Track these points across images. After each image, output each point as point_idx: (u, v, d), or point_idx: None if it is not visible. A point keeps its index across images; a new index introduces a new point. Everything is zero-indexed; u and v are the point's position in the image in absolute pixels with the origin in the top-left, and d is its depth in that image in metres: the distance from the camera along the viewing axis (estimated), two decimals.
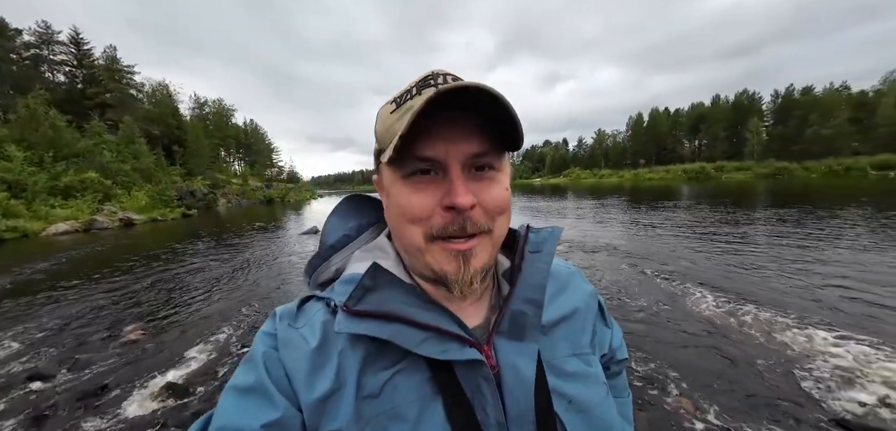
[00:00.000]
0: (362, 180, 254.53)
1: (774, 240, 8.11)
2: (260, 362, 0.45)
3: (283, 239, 12.36)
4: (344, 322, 0.43)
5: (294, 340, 0.46)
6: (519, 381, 0.45)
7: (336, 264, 0.55)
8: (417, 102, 0.40)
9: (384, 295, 0.45)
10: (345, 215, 0.59)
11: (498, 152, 0.46)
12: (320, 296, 0.50)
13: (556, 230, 0.58)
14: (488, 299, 0.53)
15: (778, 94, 68.62)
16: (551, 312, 0.53)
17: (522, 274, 0.51)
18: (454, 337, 0.44)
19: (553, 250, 0.55)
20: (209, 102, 66.61)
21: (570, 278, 0.61)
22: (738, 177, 49.08)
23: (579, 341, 0.54)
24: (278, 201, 47.11)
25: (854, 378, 2.93)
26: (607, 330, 0.66)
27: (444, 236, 0.44)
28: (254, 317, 4.90)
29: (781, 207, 13.98)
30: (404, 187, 0.45)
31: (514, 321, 0.48)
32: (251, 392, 0.43)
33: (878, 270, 5.56)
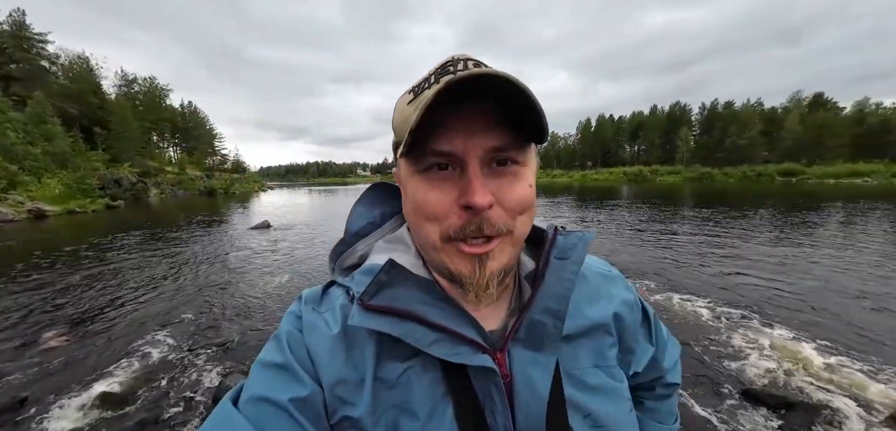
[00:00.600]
0: (318, 173, 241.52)
1: (695, 235, 9.19)
2: (285, 341, 0.46)
3: (228, 235, 11.61)
4: (358, 315, 0.43)
5: (317, 324, 0.47)
6: (532, 394, 0.43)
7: (361, 250, 0.55)
8: (430, 93, 0.37)
9: (398, 292, 0.45)
10: (370, 203, 0.59)
11: (521, 145, 0.42)
12: (342, 283, 0.51)
13: (587, 235, 0.54)
14: (508, 301, 0.51)
15: (704, 107, 76.36)
16: (577, 320, 0.50)
17: (545, 281, 0.48)
18: (467, 340, 0.43)
19: (582, 257, 0.51)
20: (139, 80, 60.01)
21: (606, 283, 0.57)
22: (670, 180, 54.12)
23: (605, 353, 0.52)
24: (221, 193, 43.82)
25: (759, 352, 3.49)
26: (651, 347, 0.61)
27: (459, 237, 0.42)
28: (200, 318, 4.63)
29: (704, 207, 15.80)
30: (420, 183, 0.43)
31: (531, 330, 0.46)
32: (280, 368, 0.44)
33: (777, 261, 6.55)
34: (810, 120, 61.25)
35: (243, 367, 3.42)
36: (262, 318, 4.65)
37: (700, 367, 3.32)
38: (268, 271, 6.94)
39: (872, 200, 18.04)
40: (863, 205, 16.14)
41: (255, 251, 8.90)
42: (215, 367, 3.45)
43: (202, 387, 3.15)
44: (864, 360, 3.34)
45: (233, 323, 4.51)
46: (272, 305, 5.10)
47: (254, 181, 70.19)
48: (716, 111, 72.35)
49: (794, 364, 3.32)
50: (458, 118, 0.39)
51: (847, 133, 57.88)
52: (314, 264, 7.46)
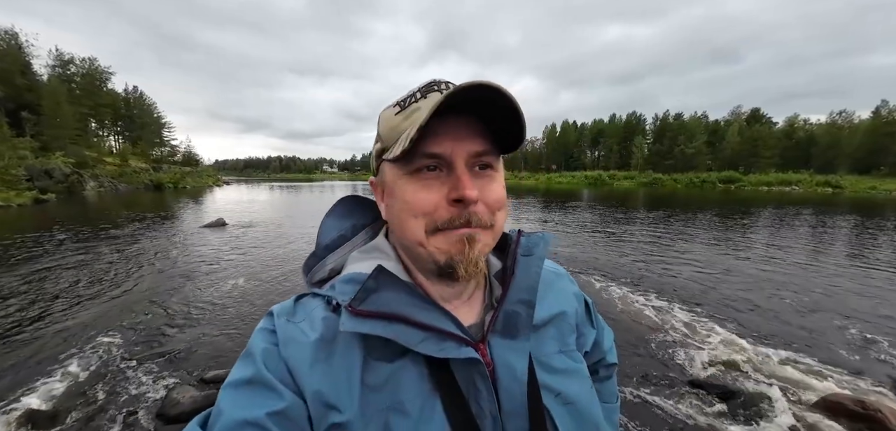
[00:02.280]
0: (280, 168, 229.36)
1: (647, 236, 9.87)
2: (259, 357, 0.45)
3: (177, 234, 10.87)
4: (349, 321, 0.44)
5: (294, 335, 0.47)
6: (512, 377, 0.48)
7: (331, 263, 0.57)
8: (430, 101, 0.45)
9: (386, 296, 0.47)
10: (340, 215, 0.61)
11: (496, 153, 0.49)
12: (318, 293, 0.52)
13: (548, 235, 0.62)
14: (481, 299, 0.56)
15: (657, 117, 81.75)
16: (540, 311, 0.56)
17: (516, 275, 0.54)
18: (451, 336, 0.47)
19: (544, 254, 0.59)
20: (77, 61, 54.61)
21: (557, 279, 0.65)
22: (626, 184, 57.21)
23: (566, 339, 0.59)
24: (170, 187, 40.90)
25: (702, 345, 3.81)
26: (593, 330, 0.70)
27: (447, 228, 0.47)
28: (143, 325, 4.32)
29: (655, 210, 17.03)
30: (410, 183, 0.47)
31: (508, 320, 0.51)
32: (252, 383, 0.44)
33: (718, 260, 7.17)
34: (748, 133, 67.57)
35: (191, 379, 3.24)
36: (214, 324, 4.41)
37: (649, 360, 3.58)
38: (222, 273, 6.58)
39: (798, 206, 20.33)
40: (790, 210, 18.09)
41: (209, 251, 8.42)
42: (160, 379, 3.24)
43: (145, 401, 2.95)
44: (794, 349, 3.77)
45: (181, 330, 4.25)
46: (226, 310, 4.86)
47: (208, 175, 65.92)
48: (667, 121, 77.66)
49: (733, 355, 3.67)
50: (446, 126, 0.45)
51: (779, 145, 64.78)
52: (275, 266, 7.16)
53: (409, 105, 0.48)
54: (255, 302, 5.15)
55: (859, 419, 2.67)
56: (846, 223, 13.63)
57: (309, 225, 12.70)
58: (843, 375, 3.38)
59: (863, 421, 2.65)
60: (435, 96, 0.47)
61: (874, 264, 7.38)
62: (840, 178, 47.38)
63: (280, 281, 6.15)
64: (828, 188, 42.55)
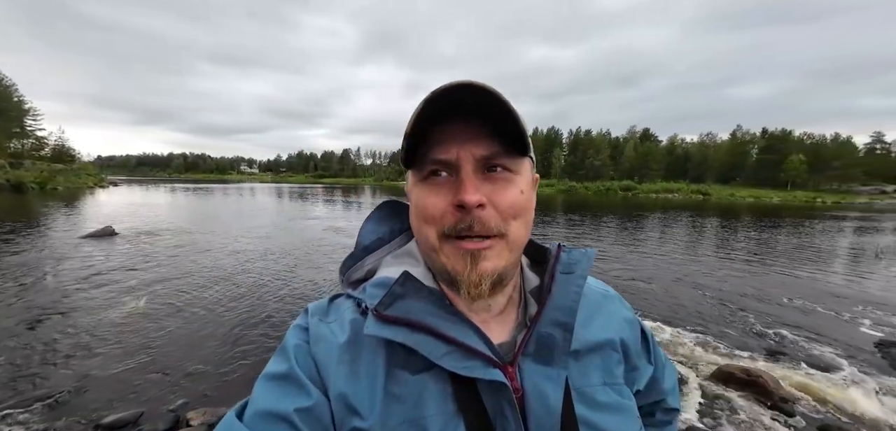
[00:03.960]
0: (185, 166, 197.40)
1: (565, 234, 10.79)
2: (291, 353, 0.47)
3: (52, 247, 8.86)
4: (373, 325, 0.44)
5: (324, 334, 0.48)
6: (545, 408, 0.43)
7: (369, 265, 0.56)
8: (420, 103, 0.44)
9: (412, 303, 0.46)
10: (378, 220, 0.61)
11: (512, 155, 0.46)
12: (351, 295, 0.52)
13: (591, 251, 0.57)
14: (515, 316, 0.53)
15: (572, 132, 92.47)
16: (583, 336, 0.51)
17: (552, 295, 0.50)
18: (477, 354, 0.44)
19: (586, 272, 0.54)
20: None
21: (606, 301, 0.59)
22: (547, 190, 62.90)
23: (613, 371, 0.52)
24: (35, 188, 33.34)
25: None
26: (650, 366, 0.61)
27: (455, 235, 0.45)
28: (13, 364, 3.45)
29: (571, 214, 19.33)
30: (421, 189, 0.47)
31: (541, 343, 0.47)
32: (284, 379, 0.45)
33: (621, 254, 8.18)
34: (641, 148, 79.97)
35: (83, 426, 2.69)
36: (108, 356, 3.73)
37: None
38: (114, 293, 5.58)
39: (679, 210, 25.35)
40: (673, 212, 22.29)
41: (94, 266, 7.06)
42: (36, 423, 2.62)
43: None
44: (690, 329, 4.59)
45: (63, 367, 3.52)
46: (124, 337, 4.14)
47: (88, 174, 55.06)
48: (579, 136, 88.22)
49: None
50: (453, 131, 0.44)
51: (663, 160, 77.74)
52: (183, 280, 6.28)
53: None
54: (163, 324, 4.47)
55: (746, 385, 3.31)
56: (715, 223, 16.99)
57: (224, 232, 11.37)
58: (730, 349, 4.17)
59: (749, 387, 3.30)
60: (441, 87, 0.45)
61: (739, 257, 9.19)
62: (708, 187, 59.77)
63: (193, 297, 5.42)
64: (700, 195, 53.04)
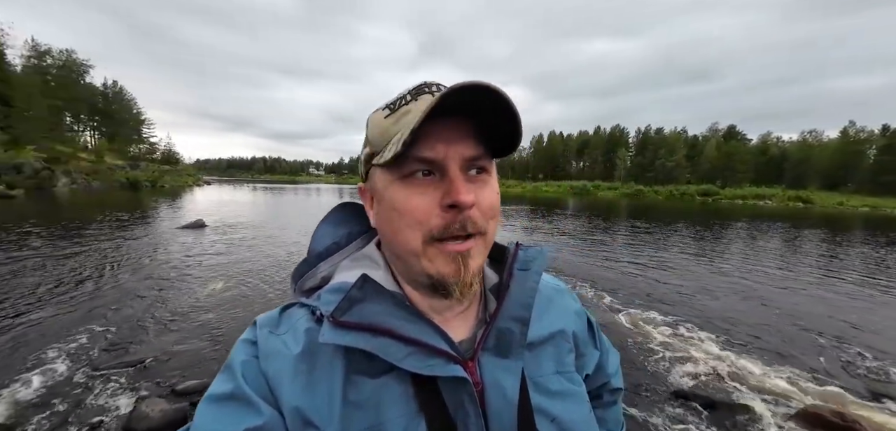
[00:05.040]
0: (264, 169, 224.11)
1: (630, 245, 10.04)
2: (238, 370, 0.44)
3: (154, 235, 10.44)
4: (329, 332, 0.42)
5: (276, 348, 0.45)
6: (503, 399, 0.45)
7: (323, 271, 0.54)
8: (422, 103, 0.43)
9: (371, 307, 0.45)
10: (335, 223, 0.58)
11: (489, 157, 0.47)
12: (305, 303, 0.50)
13: (546, 249, 0.58)
14: (476, 313, 0.54)
15: (640, 131, 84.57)
16: (537, 329, 0.53)
17: (510, 290, 0.51)
18: (439, 352, 0.44)
19: (542, 269, 0.55)
20: (54, 52, 52.45)
21: (558, 295, 0.61)
22: (609, 194, 58.55)
23: (564, 359, 0.55)
24: (147, 186, 39.48)
25: (685, 356, 3.85)
26: (597, 351, 0.66)
27: (442, 237, 0.44)
28: (110, 332, 4.09)
29: (637, 220, 17.40)
30: (401, 189, 0.45)
31: (500, 338, 0.48)
32: (230, 399, 0.42)
33: (699, 271, 7.33)
34: (725, 148, 70.43)
35: (162, 390, 3.07)
36: (188, 332, 4.22)
37: (631, 369, 3.59)
38: (198, 277, 6.34)
39: (772, 220, 21.28)
40: (764, 223, 18.81)
41: (185, 254, 8.11)
42: (127, 390, 3.06)
43: (111, 413, 2.77)
44: (775, 361, 3.85)
45: (151, 337, 4.04)
46: (202, 317, 4.66)
47: (188, 174, 63.97)
48: (648, 135, 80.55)
49: (715, 366, 3.72)
50: (439, 129, 0.42)
51: (753, 161, 67.82)
52: (257, 270, 6.92)
53: (399, 107, 0.46)
54: (233, 309, 4.96)
55: (838, 430, 2.73)
56: (817, 237, 14.25)
57: (293, 228, 12.43)
58: (822, 386, 3.46)
59: None
60: (426, 98, 0.45)
61: (848, 278, 7.68)
62: (810, 193, 49.98)
63: (261, 286, 5.96)
64: (799, 202, 44.76)
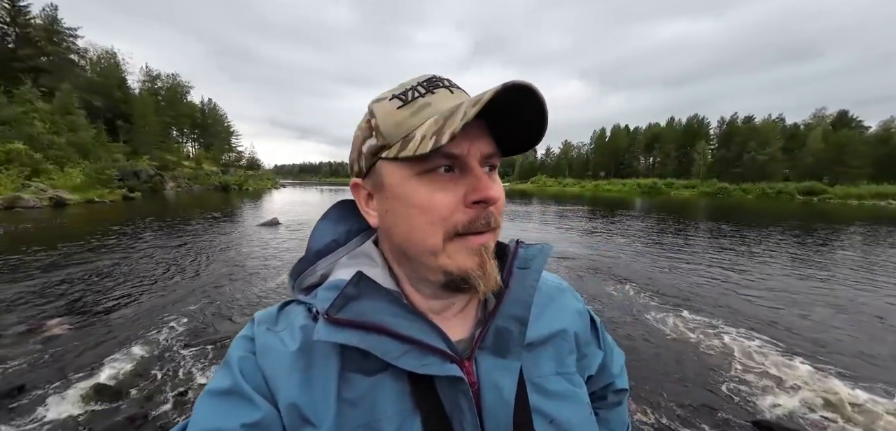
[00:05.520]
0: (330, 172, 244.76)
1: (711, 253, 8.89)
2: (235, 367, 0.45)
3: (238, 231, 11.77)
4: (323, 329, 0.42)
5: (273, 344, 0.46)
6: (499, 399, 0.45)
7: (322, 269, 0.53)
8: (441, 96, 0.44)
9: (367, 305, 0.44)
10: (335, 220, 0.58)
11: (499, 154, 0.48)
12: (302, 301, 0.50)
13: (547, 247, 0.57)
14: (474, 312, 0.53)
15: (724, 121, 74.70)
16: (537, 329, 0.52)
17: (509, 289, 0.50)
18: (435, 351, 0.43)
19: (542, 267, 0.54)
20: (162, 76, 61.89)
21: (559, 294, 0.60)
22: (685, 193, 52.93)
23: (565, 360, 0.54)
24: (235, 189, 44.66)
25: (774, 383, 3.32)
26: (600, 351, 0.65)
27: (467, 232, 0.44)
28: (200, 315, 4.67)
29: (720, 223, 15.30)
30: (423, 185, 0.44)
31: (498, 337, 0.47)
32: (229, 394, 0.43)
33: (797, 284, 6.27)
34: (834, 138, 59.12)
35: None
36: None
37: (707, 394, 3.18)
38: (271, 269, 6.99)
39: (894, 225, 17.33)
40: (886, 228, 15.46)
41: (262, 248, 9.00)
42: (208, 364, 3.46)
43: (194, 384, 3.16)
44: (886, 393, 3.15)
45: (230, 320, 4.53)
46: (268, 303, 5.11)
47: (267, 178, 71.32)
48: (735, 125, 70.70)
49: (806, 394, 3.16)
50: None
51: (871, 153, 55.76)
52: None
53: (412, 99, 0.45)
54: None
55: None
56: None
57: None
58: None
59: None
60: (444, 92, 0.45)
61: None
62: None
63: None
64: None
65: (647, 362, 3.68)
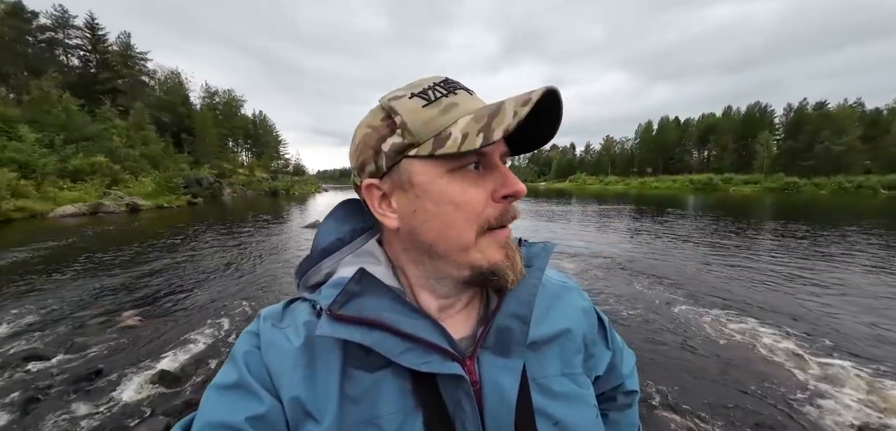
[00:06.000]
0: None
1: (780, 256, 8.02)
2: (241, 361, 0.45)
3: (285, 232, 12.44)
4: (326, 325, 0.42)
5: (277, 340, 0.46)
6: (500, 399, 0.44)
7: (327, 268, 0.54)
8: (462, 98, 0.46)
9: (369, 301, 0.45)
10: (340, 219, 0.58)
11: (509, 152, 0.50)
12: (306, 298, 0.51)
13: (549, 245, 0.57)
14: (477, 311, 0.53)
15: (791, 108, 67.53)
16: (542, 328, 0.52)
17: (511, 287, 0.50)
18: (437, 349, 0.44)
19: (544, 265, 0.54)
20: (219, 92, 67.30)
21: (565, 293, 0.59)
22: (746, 190, 48.60)
23: (570, 360, 0.53)
24: (283, 193, 47.36)
25: (849, 401, 2.90)
26: (608, 351, 0.63)
27: (497, 225, 0.46)
28: (251, 310, 4.95)
29: (787, 222, 13.81)
30: (454, 182, 0.44)
31: (499, 336, 0.47)
32: (234, 388, 0.44)
33: (882, 295, 5.48)
34: None
35: None
36: None
37: (766, 406, 2.84)
38: None
39: None
40: None
41: (304, 249, 9.42)
42: None
43: None
44: None
45: None
46: None
47: (311, 183, 75.12)
48: (804, 112, 63.86)
49: (886, 413, 2.72)
50: None
51: None
52: None
53: (437, 99, 0.45)
54: None
55: None
56: None
57: None
58: None
59: None
60: (464, 94, 0.47)
61: None
62: None
63: None
64: None
65: (707, 378, 3.37)
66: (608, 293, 5.58)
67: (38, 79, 27.47)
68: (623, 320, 4.53)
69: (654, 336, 4.08)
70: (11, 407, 2.79)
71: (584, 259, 7.96)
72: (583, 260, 7.87)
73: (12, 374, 3.25)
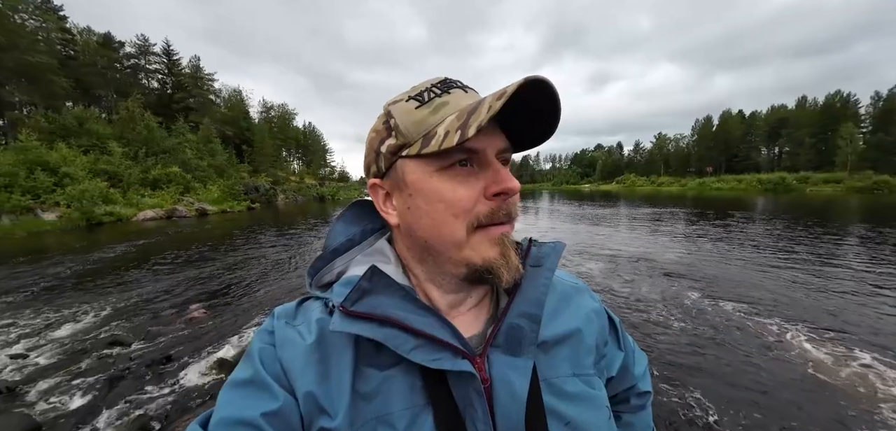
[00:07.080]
0: None
1: (866, 264, 6.98)
2: (256, 358, 0.46)
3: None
4: (339, 321, 0.43)
5: (291, 337, 0.47)
6: (511, 397, 0.44)
7: (338, 267, 0.55)
8: (456, 96, 0.46)
9: (380, 298, 0.45)
10: (350, 221, 0.59)
11: (511, 150, 0.50)
12: (319, 296, 0.52)
13: (559, 244, 0.56)
14: (487, 309, 0.53)
15: (879, 96, 58.81)
16: (553, 328, 0.52)
17: (522, 287, 0.50)
18: (447, 346, 0.44)
19: (555, 265, 0.53)
20: (274, 106, 72.40)
21: (576, 294, 0.58)
22: (827, 190, 43.13)
23: (582, 361, 0.53)
24: (329, 198, 49.76)
25: None
26: (620, 352, 0.62)
27: (489, 223, 0.46)
28: None
29: (878, 227, 11.99)
30: (444, 180, 0.45)
31: (510, 334, 0.47)
32: (249, 384, 0.45)
33: None
34: None
35: None
36: None
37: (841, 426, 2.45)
38: None
39: None
40: None
41: None
42: None
43: None
44: None
45: None
46: None
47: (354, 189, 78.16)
48: None
49: None
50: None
51: None
52: None
53: (430, 99, 0.46)
54: None
55: None
56: None
57: None
58: None
59: None
60: (459, 92, 0.47)
61: None
62: None
63: None
64: None
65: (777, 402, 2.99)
66: (659, 307, 5.17)
67: (125, 100, 31.31)
68: (673, 332, 4.17)
69: (722, 357, 3.71)
70: (98, 385, 3.16)
71: (636, 265, 7.47)
72: (636, 266, 7.39)
73: (98, 356, 3.69)
